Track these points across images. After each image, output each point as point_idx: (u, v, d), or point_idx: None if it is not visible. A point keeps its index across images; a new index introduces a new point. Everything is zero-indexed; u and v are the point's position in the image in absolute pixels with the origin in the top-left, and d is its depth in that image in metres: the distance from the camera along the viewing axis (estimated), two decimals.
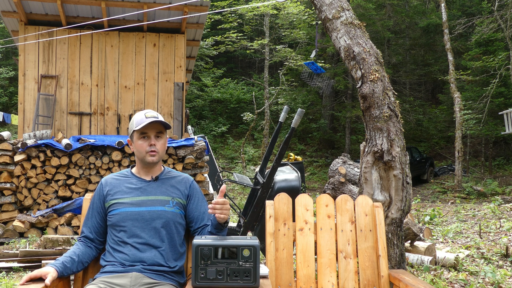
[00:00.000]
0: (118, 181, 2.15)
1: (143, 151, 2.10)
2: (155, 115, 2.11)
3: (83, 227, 2.12)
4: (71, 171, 6.56)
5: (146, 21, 8.14)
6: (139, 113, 2.15)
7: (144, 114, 2.12)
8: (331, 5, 3.19)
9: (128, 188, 2.11)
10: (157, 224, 2.03)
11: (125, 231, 2.02)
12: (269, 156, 4.28)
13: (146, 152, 2.09)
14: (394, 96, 3.01)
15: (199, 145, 7.03)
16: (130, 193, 2.10)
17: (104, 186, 2.13)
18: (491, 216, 8.02)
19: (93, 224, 2.11)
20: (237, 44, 17.96)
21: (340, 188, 6.29)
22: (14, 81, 19.50)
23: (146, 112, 2.14)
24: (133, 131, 2.12)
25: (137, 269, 1.96)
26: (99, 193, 2.13)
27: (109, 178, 2.19)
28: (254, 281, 1.81)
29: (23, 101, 8.16)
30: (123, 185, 2.13)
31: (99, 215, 2.11)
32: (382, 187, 2.98)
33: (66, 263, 1.93)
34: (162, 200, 2.09)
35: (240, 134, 21.17)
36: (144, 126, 2.06)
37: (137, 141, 2.11)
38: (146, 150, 2.09)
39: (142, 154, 2.11)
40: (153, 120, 2.06)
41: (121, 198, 2.09)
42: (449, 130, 19.45)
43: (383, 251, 2.37)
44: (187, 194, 2.17)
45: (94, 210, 2.12)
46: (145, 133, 2.09)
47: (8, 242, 5.92)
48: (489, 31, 15.36)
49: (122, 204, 2.06)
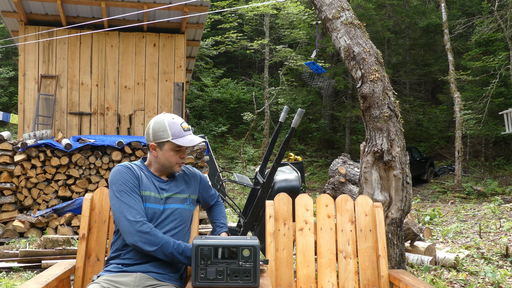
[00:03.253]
0: (143, 173, 2.11)
1: (173, 162, 2.10)
2: (188, 126, 2.13)
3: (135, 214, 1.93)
4: (71, 171, 6.56)
5: (146, 21, 8.14)
6: (172, 121, 2.08)
7: (181, 126, 2.09)
8: (331, 5, 3.19)
9: (153, 185, 2.10)
10: (175, 221, 2.07)
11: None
12: (269, 156, 4.28)
13: (176, 163, 2.11)
14: (394, 96, 3.01)
15: (199, 145, 7.03)
16: (155, 190, 2.09)
17: (135, 172, 2.07)
18: (491, 216, 8.02)
19: (141, 206, 2.00)
20: (237, 44, 17.96)
21: (340, 188, 6.29)
22: (14, 81, 19.50)
23: (182, 122, 2.11)
24: (167, 140, 2.06)
25: (141, 269, 1.95)
26: (133, 176, 2.04)
27: (135, 166, 2.12)
28: (254, 281, 1.81)
29: (23, 101, 8.16)
30: (149, 179, 2.10)
31: (139, 195, 2.02)
32: (382, 187, 2.97)
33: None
34: (181, 198, 2.14)
35: (240, 134, 21.17)
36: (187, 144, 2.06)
37: (169, 151, 2.08)
38: (177, 162, 2.11)
39: (171, 164, 2.11)
40: (192, 144, 2.07)
41: (148, 192, 2.07)
42: (449, 130, 19.45)
43: (383, 251, 2.37)
44: (198, 189, 2.27)
45: (134, 192, 2.01)
46: (181, 146, 2.08)
47: (8, 242, 5.92)
48: (489, 31, 15.36)
49: (149, 199, 2.05)
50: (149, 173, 2.14)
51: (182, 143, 2.05)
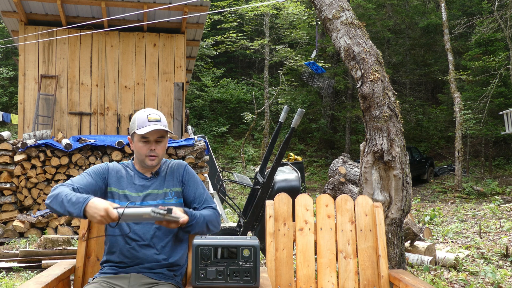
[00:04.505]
0: (126, 172, 2.14)
1: (143, 154, 2.09)
2: (157, 117, 2.09)
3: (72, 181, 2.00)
4: (71, 171, 6.56)
5: (146, 21, 8.14)
6: (141, 112, 2.12)
7: (146, 116, 2.08)
8: (331, 5, 3.19)
9: (132, 184, 2.11)
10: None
11: (125, 226, 2.00)
12: (269, 156, 4.28)
13: (145, 155, 2.08)
14: (394, 96, 3.01)
15: (199, 145, 7.03)
16: (133, 189, 2.09)
17: (109, 169, 2.12)
18: (491, 216, 8.02)
19: (87, 184, 2.01)
20: (237, 44, 17.95)
21: (340, 188, 6.29)
22: (14, 81, 19.50)
23: (149, 113, 2.10)
24: (133, 132, 2.10)
25: (135, 270, 1.96)
26: (103, 169, 2.10)
27: (118, 165, 2.17)
28: (254, 281, 1.81)
29: (23, 101, 8.16)
30: (130, 178, 2.12)
31: (97, 183, 2.04)
32: (382, 187, 2.97)
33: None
34: (162, 194, 2.10)
35: (240, 134, 21.17)
36: (147, 132, 2.04)
37: (137, 142, 2.09)
38: (146, 153, 2.08)
39: (142, 156, 2.10)
40: (155, 129, 2.04)
41: (122, 190, 2.08)
42: (449, 130, 19.45)
43: (383, 251, 2.37)
44: (182, 180, 2.17)
45: (93, 177, 2.05)
46: (146, 137, 2.07)
47: (8, 242, 5.92)
48: (489, 31, 15.36)
49: (127, 198, 2.06)
50: (134, 171, 2.15)
51: (140, 131, 2.03)
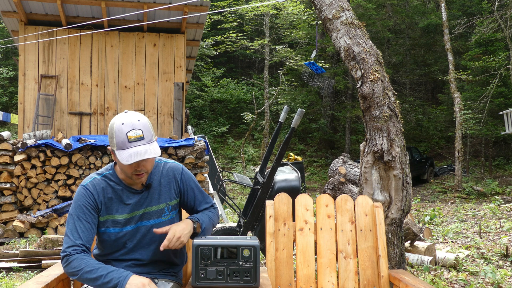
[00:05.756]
0: (110, 190, 1.88)
1: (128, 173, 1.82)
2: (139, 133, 1.74)
3: (74, 239, 1.77)
4: (71, 171, 6.56)
5: (146, 21, 8.14)
6: (119, 127, 1.74)
7: (126, 135, 1.73)
8: (331, 5, 3.19)
9: (121, 203, 1.88)
10: (155, 240, 1.92)
11: (122, 249, 1.91)
12: (269, 156, 4.28)
13: (132, 174, 1.82)
14: (394, 96, 3.01)
15: (199, 145, 7.03)
16: (124, 209, 1.88)
17: (95, 196, 1.85)
18: (491, 216, 8.02)
19: (87, 233, 1.80)
20: (237, 44, 17.96)
21: (340, 188, 6.29)
22: (14, 81, 19.50)
23: (128, 130, 1.73)
24: (113, 149, 1.79)
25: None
26: (91, 200, 1.84)
27: (100, 183, 1.87)
28: (254, 281, 1.81)
29: (23, 101, 8.16)
30: (117, 197, 1.88)
31: (91, 225, 1.82)
32: (382, 187, 2.97)
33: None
34: (158, 211, 1.93)
35: (240, 134, 21.17)
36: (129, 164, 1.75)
37: (119, 161, 1.77)
38: (133, 173, 1.81)
39: (127, 174, 1.83)
40: (138, 160, 1.73)
41: (112, 216, 1.87)
42: (449, 130, 19.45)
43: (383, 251, 2.37)
44: (179, 190, 1.99)
45: (85, 219, 1.81)
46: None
47: (8, 242, 5.92)
48: (489, 31, 15.35)
49: (117, 223, 1.87)
50: (119, 184, 1.89)
51: (121, 158, 1.72)
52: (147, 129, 1.78)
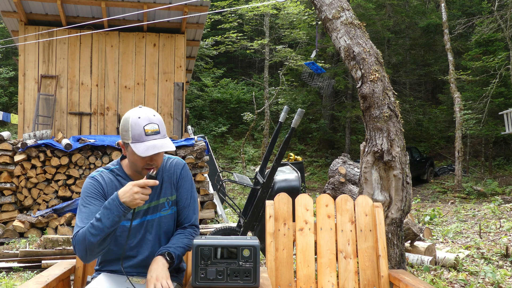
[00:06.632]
0: (116, 183, 1.90)
1: (138, 167, 1.84)
2: (155, 128, 1.79)
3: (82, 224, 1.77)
4: (71, 171, 6.56)
5: (146, 21, 8.14)
6: (135, 119, 1.78)
7: (143, 128, 1.77)
8: (331, 5, 3.19)
9: None
10: (157, 233, 1.93)
11: (121, 245, 1.90)
12: (269, 156, 4.28)
13: (142, 168, 1.84)
14: (394, 96, 3.01)
15: (199, 145, 7.03)
16: None
17: (103, 185, 1.88)
18: (491, 216, 8.01)
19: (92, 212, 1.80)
20: (237, 44, 17.96)
21: (340, 188, 6.29)
22: (14, 81, 19.50)
23: (146, 123, 1.78)
24: (128, 143, 1.81)
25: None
26: (101, 192, 1.87)
27: (107, 176, 1.91)
28: (254, 281, 1.81)
29: (23, 101, 8.16)
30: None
31: (97, 202, 1.84)
32: (382, 187, 2.97)
33: None
34: (158, 205, 1.95)
35: (240, 134, 21.17)
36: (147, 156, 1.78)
37: (132, 154, 1.81)
38: (144, 167, 1.83)
39: (137, 168, 1.86)
40: (157, 152, 1.76)
41: None
42: (449, 130, 19.45)
43: (383, 251, 2.37)
44: (176, 184, 1.99)
45: (94, 204, 1.82)
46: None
47: (8, 242, 5.92)
48: (489, 31, 15.36)
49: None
50: (126, 179, 1.91)
51: (138, 151, 1.75)
52: (162, 124, 1.83)
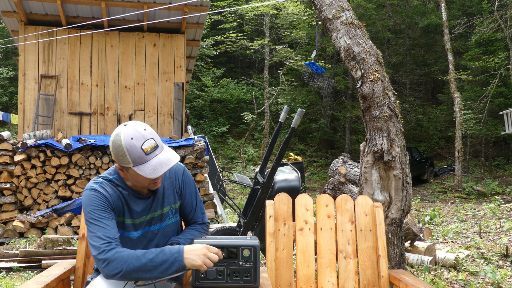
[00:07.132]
0: (117, 194, 1.82)
1: (145, 184, 1.78)
2: (153, 143, 1.69)
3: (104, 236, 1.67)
4: (71, 171, 6.56)
5: (146, 21, 8.14)
6: (130, 143, 1.66)
7: (141, 148, 1.66)
8: (331, 5, 3.19)
9: (127, 209, 1.84)
10: (159, 242, 1.91)
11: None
12: (269, 156, 4.28)
13: (150, 183, 1.78)
14: (394, 96, 3.01)
15: (199, 145, 7.03)
16: (131, 215, 1.84)
17: (107, 196, 1.78)
18: (491, 216, 8.01)
19: (114, 229, 1.72)
20: (237, 44, 17.96)
21: (340, 188, 6.29)
22: (14, 81, 19.50)
23: (142, 143, 1.66)
24: (129, 167, 1.70)
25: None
26: (109, 203, 1.76)
27: (107, 187, 1.80)
28: (254, 281, 1.81)
29: (23, 101, 8.16)
30: (124, 201, 1.83)
31: (114, 221, 1.76)
32: (382, 187, 2.97)
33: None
34: (162, 215, 1.92)
35: (240, 134, 21.17)
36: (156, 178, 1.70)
37: (136, 175, 1.72)
38: (151, 182, 1.78)
39: (143, 185, 1.79)
40: (165, 171, 1.69)
41: (122, 218, 1.84)
42: (449, 130, 19.46)
43: (383, 251, 2.37)
44: (179, 190, 1.96)
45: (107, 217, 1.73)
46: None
47: (8, 242, 5.92)
48: (489, 31, 15.35)
49: (126, 227, 1.84)
50: (126, 189, 1.83)
51: (145, 173, 1.67)
52: (155, 135, 1.73)
